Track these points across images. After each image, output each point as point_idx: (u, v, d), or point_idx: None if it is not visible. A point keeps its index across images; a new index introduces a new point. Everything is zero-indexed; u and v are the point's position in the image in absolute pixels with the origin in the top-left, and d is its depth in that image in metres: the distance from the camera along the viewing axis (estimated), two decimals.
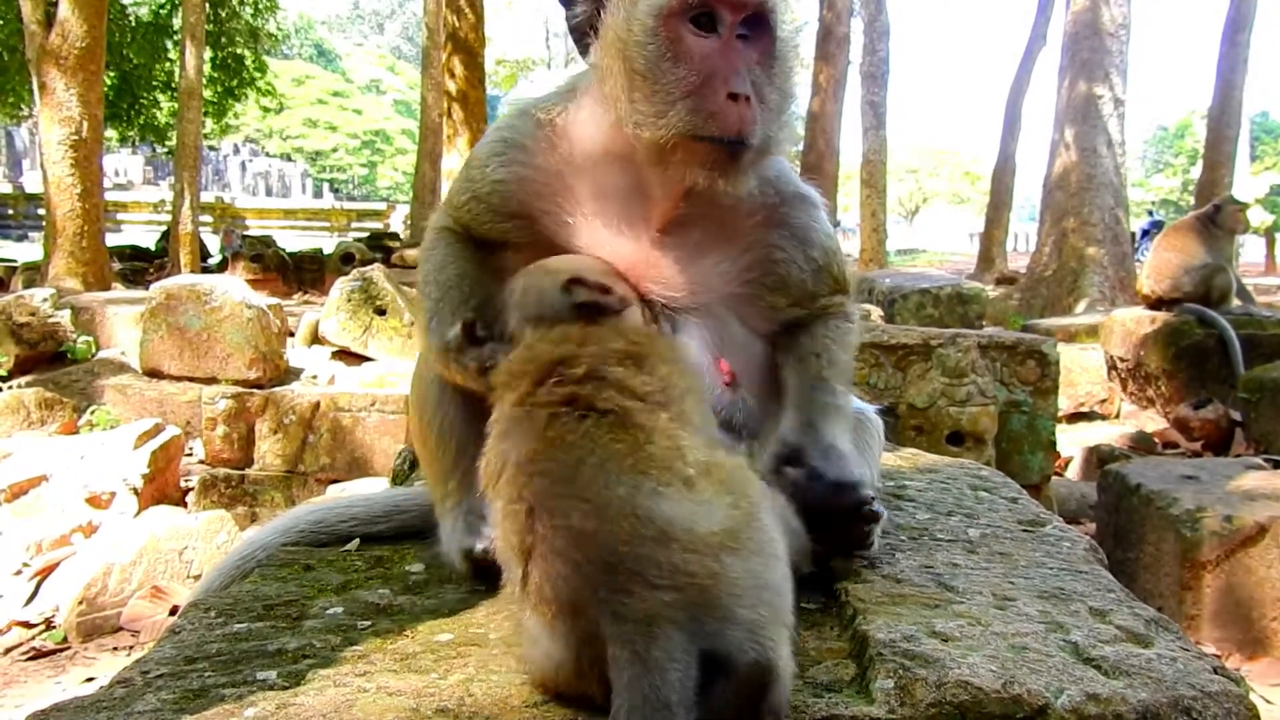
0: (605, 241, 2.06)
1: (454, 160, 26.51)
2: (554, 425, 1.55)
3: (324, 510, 2.49)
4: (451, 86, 26.83)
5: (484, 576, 1.95)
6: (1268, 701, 4.26)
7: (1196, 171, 23.53)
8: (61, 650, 5.32)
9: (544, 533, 1.43)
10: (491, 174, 2.12)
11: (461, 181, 2.18)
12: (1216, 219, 9.62)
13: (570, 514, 1.42)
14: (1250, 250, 36.61)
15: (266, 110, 38.95)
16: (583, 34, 2.04)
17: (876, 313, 9.75)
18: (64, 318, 9.99)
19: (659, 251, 2.06)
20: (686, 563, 1.35)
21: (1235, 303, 9.60)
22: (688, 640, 1.32)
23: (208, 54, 25.77)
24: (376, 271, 9.75)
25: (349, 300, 9.30)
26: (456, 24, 26.92)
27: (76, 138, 16.14)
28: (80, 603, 5.43)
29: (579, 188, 2.07)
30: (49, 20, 16.22)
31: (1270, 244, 35.27)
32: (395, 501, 2.51)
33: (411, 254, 22.55)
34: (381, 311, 9.30)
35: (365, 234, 30.50)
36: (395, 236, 27.72)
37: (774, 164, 2.09)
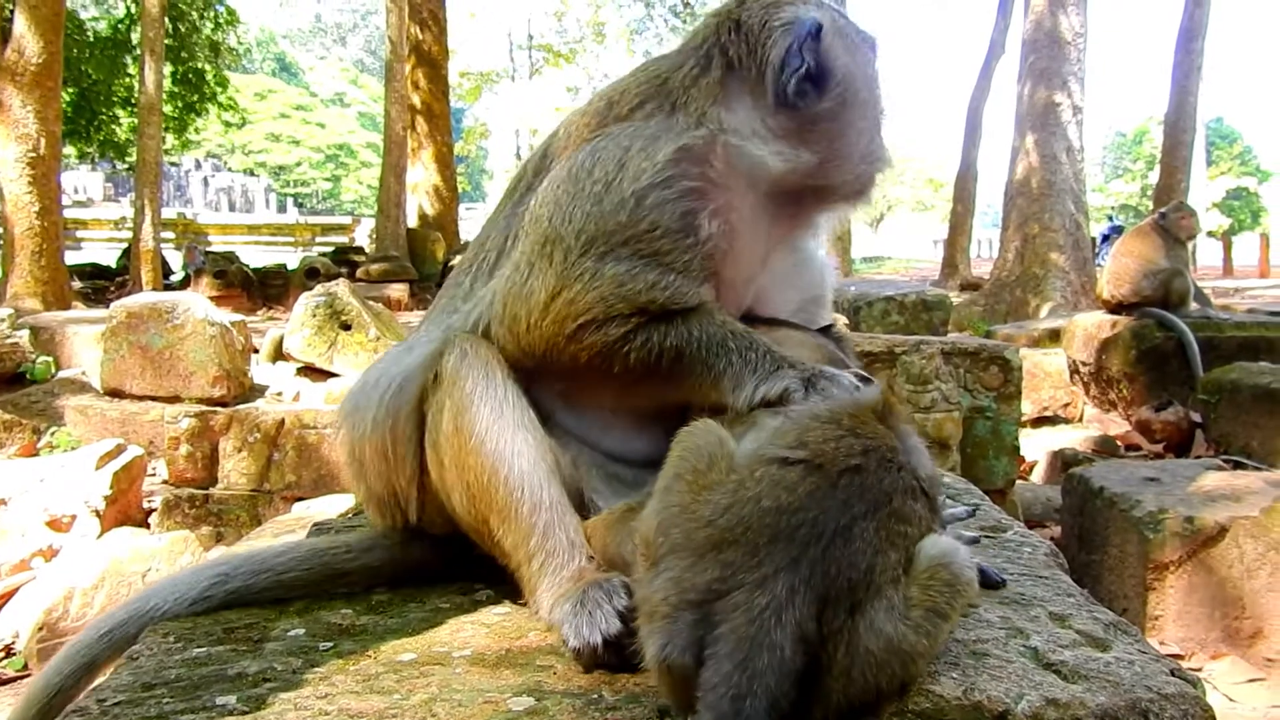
0: (742, 264, 2.04)
1: (419, 173, 26.54)
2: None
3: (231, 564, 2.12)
4: (415, 99, 26.91)
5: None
6: (1230, 700, 4.31)
7: (1155, 176, 23.93)
8: (22, 677, 5.22)
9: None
10: (677, 188, 1.87)
11: (619, 211, 1.85)
12: (1166, 225, 9.77)
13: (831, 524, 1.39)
14: (1208, 254, 37.23)
15: (228, 125, 38.73)
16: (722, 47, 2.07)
17: (842, 320, 9.82)
18: (23, 338, 9.84)
19: (766, 271, 2.14)
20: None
21: (1193, 306, 9.74)
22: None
23: (168, 69, 25.57)
24: (341, 286, 9.67)
25: (314, 316, 9.21)
26: (420, 37, 26.99)
27: (34, 155, 15.95)
28: (41, 628, 5.34)
29: (729, 209, 1.96)
30: (4, 36, 16.03)
31: (1227, 247, 35.90)
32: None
33: (376, 268, 22.41)
34: (347, 327, 9.22)
35: (330, 249, 30.38)
36: (360, 251, 27.55)
37: None
